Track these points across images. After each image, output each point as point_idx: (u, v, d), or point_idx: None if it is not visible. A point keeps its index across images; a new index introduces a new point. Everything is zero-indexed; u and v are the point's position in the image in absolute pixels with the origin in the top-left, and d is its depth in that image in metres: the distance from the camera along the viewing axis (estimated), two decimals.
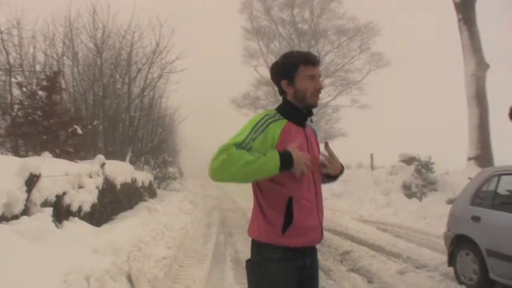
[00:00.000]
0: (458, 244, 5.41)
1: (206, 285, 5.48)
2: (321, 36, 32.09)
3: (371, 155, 18.62)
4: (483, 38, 14.71)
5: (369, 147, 21.97)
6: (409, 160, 14.63)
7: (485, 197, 5.33)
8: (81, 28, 15.75)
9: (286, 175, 2.14)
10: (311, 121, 2.38)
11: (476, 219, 5.14)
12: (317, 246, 2.39)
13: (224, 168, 2.02)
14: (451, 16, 15.43)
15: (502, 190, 5.41)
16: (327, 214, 2.41)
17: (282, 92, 2.31)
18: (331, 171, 2.35)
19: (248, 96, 33.39)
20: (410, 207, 11.98)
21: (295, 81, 2.24)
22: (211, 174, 2.08)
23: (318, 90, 2.27)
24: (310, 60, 2.25)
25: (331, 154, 2.35)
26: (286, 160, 2.06)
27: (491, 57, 14.62)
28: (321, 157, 2.37)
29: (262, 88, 32.37)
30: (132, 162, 14.70)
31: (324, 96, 33.34)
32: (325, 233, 8.13)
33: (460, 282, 5.30)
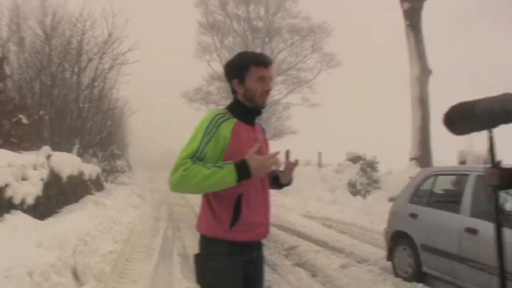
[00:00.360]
0: (397, 239, 5.71)
1: (153, 279, 5.49)
2: (275, 34, 32.38)
3: (319, 153, 19.07)
4: (427, 44, 15.44)
5: (317, 145, 22.45)
6: (355, 159, 15.12)
7: (423, 195, 5.67)
8: (29, 13, 15.14)
9: None
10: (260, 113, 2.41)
11: (413, 216, 5.46)
12: (264, 241, 2.47)
13: (182, 184, 2.09)
14: (400, 22, 16.05)
15: (438, 189, 5.79)
16: (275, 210, 2.52)
17: (234, 90, 2.34)
18: (283, 180, 2.46)
19: (200, 91, 33.20)
20: (354, 204, 12.41)
21: (245, 81, 2.28)
22: (171, 188, 2.15)
23: (267, 92, 2.31)
24: (262, 62, 2.28)
25: (293, 164, 2.44)
26: (243, 172, 2.09)
27: (434, 63, 15.37)
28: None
29: (215, 83, 32.28)
30: (79, 154, 14.31)
31: (276, 94, 33.69)
32: (272, 228, 8.30)
33: (396, 275, 5.59)
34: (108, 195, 13.08)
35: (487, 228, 4.13)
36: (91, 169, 13.47)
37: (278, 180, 2.49)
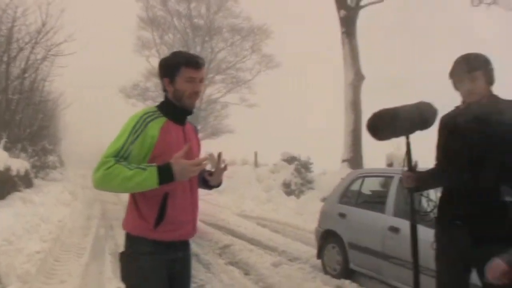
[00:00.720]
0: (326, 238, 5.95)
1: (83, 279, 5.37)
2: (216, 33, 32.35)
3: (255, 153, 19.32)
4: (361, 51, 16.08)
5: (254, 145, 22.71)
6: (290, 160, 15.44)
7: (351, 196, 5.95)
8: None
9: None
10: (191, 113, 2.40)
11: (342, 215, 5.72)
12: (198, 240, 2.52)
13: (103, 183, 2.08)
14: (336, 29, 16.58)
15: (366, 190, 6.08)
16: (210, 209, 2.56)
17: (165, 89, 2.34)
18: (212, 182, 2.48)
19: (138, 87, 32.53)
20: (288, 204, 12.71)
21: (175, 81, 2.27)
22: (94, 185, 2.13)
23: (195, 93, 2.30)
24: (192, 63, 2.27)
25: (222, 169, 2.47)
26: (166, 176, 2.08)
27: (367, 69, 16.04)
28: (208, 164, 2.51)
29: (153, 80, 31.70)
30: (6, 149, 13.51)
31: (214, 93, 33.71)
32: (207, 227, 8.38)
33: (326, 272, 5.83)
34: (37, 192, 12.51)
35: (408, 227, 4.40)
36: (19, 165, 12.80)
37: (208, 182, 2.52)
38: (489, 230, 2.58)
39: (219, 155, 2.49)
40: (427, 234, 3.05)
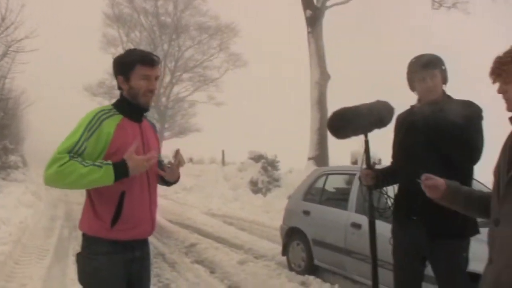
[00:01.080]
0: (291, 235, 6.03)
1: (45, 281, 5.27)
2: (183, 31, 32.22)
3: (223, 152, 19.34)
4: (327, 51, 16.32)
5: (221, 143, 22.75)
6: (257, 158, 15.52)
7: (315, 193, 6.05)
8: None
9: None
10: (147, 110, 2.41)
11: (306, 213, 5.81)
12: (165, 240, 2.51)
13: (57, 180, 2.05)
14: (304, 28, 16.75)
15: (329, 187, 6.19)
16: (177, 208, 2.55)
17: (119, 87, 2.32)
18: (169, 177, 2.47)
19: (104, 85, 32.04)
20: (255, 202, 12.78)
21: (130, 79, 2.26)
22: (45, 182, 2.09)
23: (151, 91, 2.29)
24: (148, 61, 2.26)
25: (177, 164, 2.45)
26: (121, 172, 2.09)
27: (332, 68, 16.30)
28: (166, 160, 2.48)
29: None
30: None
31: (182, 91, 33.55)
32: (173, 226, 8.33)
33: (291, 269, 5.91)
34: None
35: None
36: None
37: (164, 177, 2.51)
38: (443, 225, 2.70)
39: (176, 152, 2.50)
40: (387, 230, 3.15)
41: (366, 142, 3.02)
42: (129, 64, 2.26)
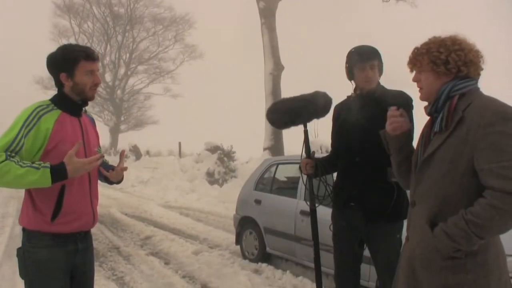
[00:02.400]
0: (244, 224, 6.18)
1: None
2: (137, 22, 31.69)
3: (179, 143, 19.28)
4: (281, 42, 16.49)
5: (178, 135, 22.62)
6: (213, 149, 15.58)
7: (266, 183, 6.21)
8: None
9: (58, 161, 2.16)
10: (86, 105, 2.40)
11: (258, 202, 5.96)
12: (120, 233, 2.52)
13: None
14: (257, 20, 16.84)
15: (280, 176, 6.37)
16: (133, 201, 2.57)
17: (58, 83, 2.30)
18: (112, 178, 2.50)
19: None
20: (212, 192, 12.87)
21: (74, 75, 2.25)
22: None
23: (96, 85, 2.33)
24: (91, 56, 2.28)
25: (122, 169, 2.49)
26: (59, 175, 2.08)
27: (286, 59, 16.48)
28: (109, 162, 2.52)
29: None
30: None
31: (137, 83, 33.03)
32: (129, 219, 8.30)
33: (244, 257, 6.07)
34: None
35: (318, 210, 4.71)
36: None
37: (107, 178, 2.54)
38: (378, 209, 2.89)
39: (121, 153, 2.55)
40: (328, 214, 3.31)
41: (305, 132, 3.15)
42: (72, 60, 2.25)
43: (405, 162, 2.14)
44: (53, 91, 2.37)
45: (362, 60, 2.96)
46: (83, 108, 2.41)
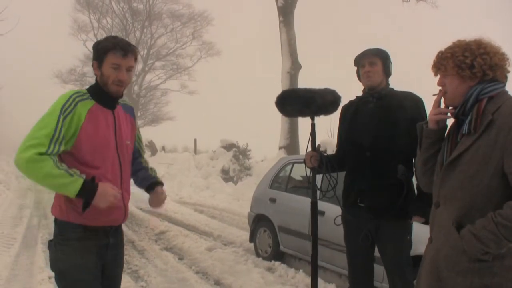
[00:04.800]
0: (258, 222, 6.20)
1: (13, 270, 5.29)
2: (156, 18, 31.79)
3: (195, 140, 19.36)
4: (298, 41, 16.42)
5: (194, 132, 22.71)
6: (228, 146, 15.61)
7: (281, 181, 6.21)
8: None
9: (91, 155, 2.17)
10: (121, 97, 2.35)
11: (272, 200, 5.97)
12: (135, 227, 2.50)
13: (28, 170, 2.03)
14: (275, 18, 16.79)
15: (296, 175, 6.36)
16: (148, 196, 2.56)
17: (94, 72, 2.31)
18: (153, 204, 2.56)
19: (75, 72, 31.36)
20: (226, 190, 12.91)
21: (102, 66, 2.24)
22: (18, 167, 2.05)
23: (120, 81, 2.25)
24: (119, 50, 2.22)
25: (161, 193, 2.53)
26: (86, 192, 2.06)
27: (303, 58, 16.40)
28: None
29: (90, 64, 30.69)
30: None
31: (154, 79, 33.21)
32: (143, 214, 8.38)
33: (258, 255, 6.08)
34: None
35: (331, 209, 4.69)
36: None
37: (147, 189, 2.57)
38: (387, 206, 2.88)
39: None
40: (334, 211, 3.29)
41: (312, 125, 3.12)
42: (103, 50, 2.24)
43: (432, 159, 2.10)
44: (71, 86, 2.38)
45: (363, 57, 3.03)
46: (118, 100, 2.36)
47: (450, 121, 2.08)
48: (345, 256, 3.26)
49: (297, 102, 3.06)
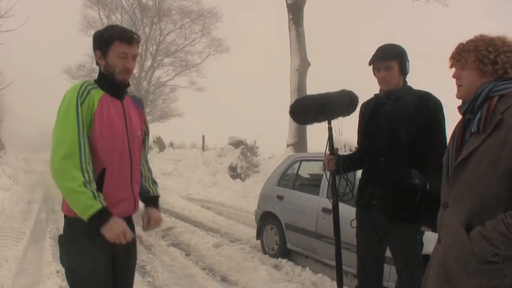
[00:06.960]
0: (265, 219, 6.19)
1: (21, 263, 5.35)
2: (165, 15, 31.85)
3: (203, 137, 19.38)
4: (308, 39, 16.35)
5: (202, 128, 22.75)
6: (236, 144, 15.61)
7: (289, 179, 6.20)
8: None
9: (102, 144, 2.16)
10: (128, 86, 2.34)
11: (280, 198, 5.97)
12: (142, 222, 2.48)
13: (57, 178, 2.07)
14: (285, 15, 16.73)
15: (303, 173, 6.35)
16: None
17: (96, 62, 2.28)
18: (144, 225, 2.50)
19: (84, 68, 31.53)
20: (234, 187, 12.91)
21: (107, 55, 2.21)
22: (52, 167, 2.08)
23: (127, 69, 2.24)
24: (126, 38, 2.20)
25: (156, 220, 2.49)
26: (99, 218, 2.06)
27: (313, 56, 16.34)
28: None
29: None
30: None
31: (163, 75, 33.30)
32: None
33: (265, 252, 6.08)
34: None
35: (340, 207, 4.68)
36: None
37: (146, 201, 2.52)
38: (401, 209, 2.86)
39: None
40: (350, 212, 3.29)
41: (329, 129, 3.14)
42: (108, 39, 2.21)
43: None
44: (81, 81, 2.34)
45: (377, 60, 2.94)
46: (126, 90, 2.34)
47: (456, 119, 2.04)
48: (352, 254, 3.25)
49: (310, 111, 3.06)
